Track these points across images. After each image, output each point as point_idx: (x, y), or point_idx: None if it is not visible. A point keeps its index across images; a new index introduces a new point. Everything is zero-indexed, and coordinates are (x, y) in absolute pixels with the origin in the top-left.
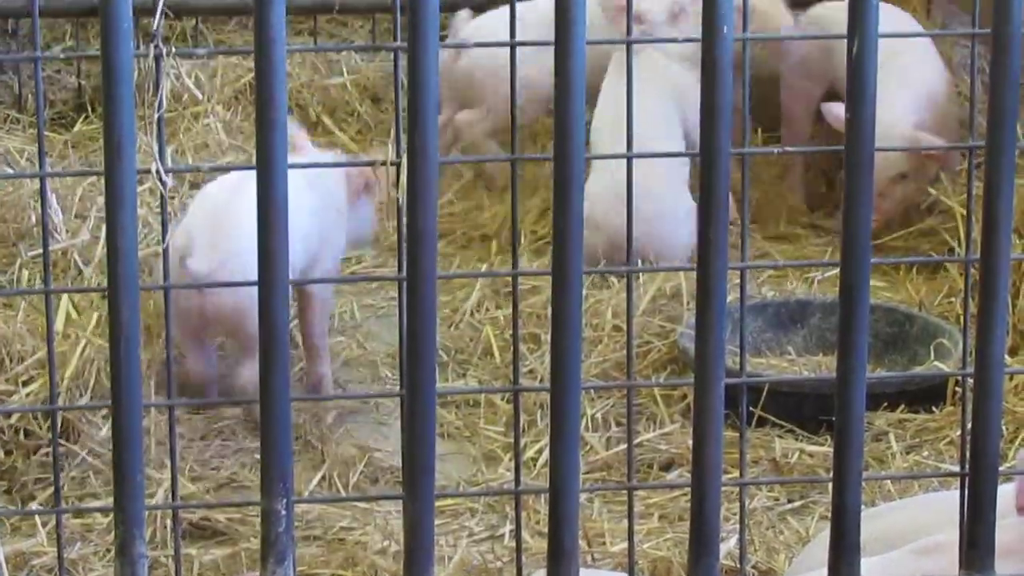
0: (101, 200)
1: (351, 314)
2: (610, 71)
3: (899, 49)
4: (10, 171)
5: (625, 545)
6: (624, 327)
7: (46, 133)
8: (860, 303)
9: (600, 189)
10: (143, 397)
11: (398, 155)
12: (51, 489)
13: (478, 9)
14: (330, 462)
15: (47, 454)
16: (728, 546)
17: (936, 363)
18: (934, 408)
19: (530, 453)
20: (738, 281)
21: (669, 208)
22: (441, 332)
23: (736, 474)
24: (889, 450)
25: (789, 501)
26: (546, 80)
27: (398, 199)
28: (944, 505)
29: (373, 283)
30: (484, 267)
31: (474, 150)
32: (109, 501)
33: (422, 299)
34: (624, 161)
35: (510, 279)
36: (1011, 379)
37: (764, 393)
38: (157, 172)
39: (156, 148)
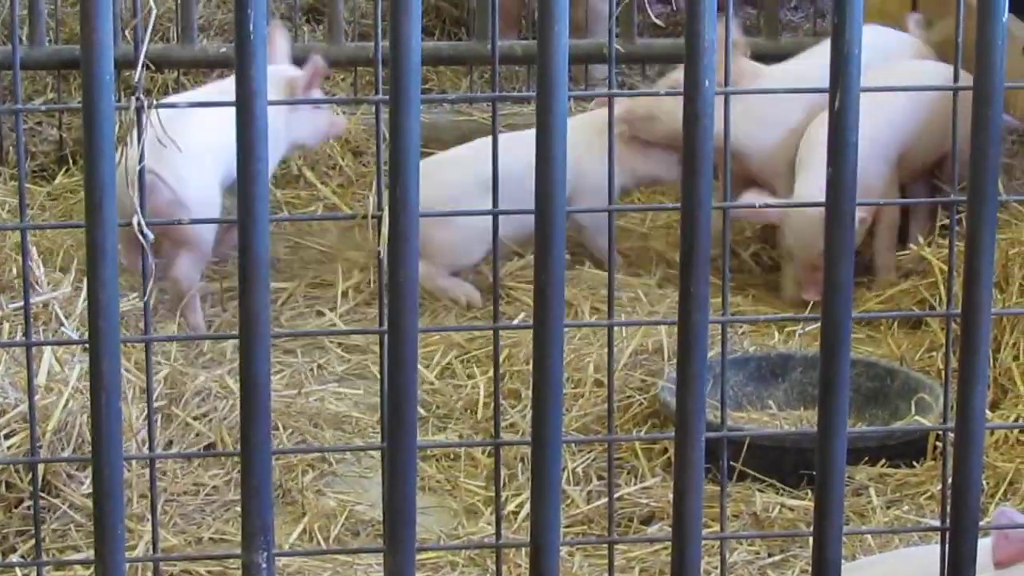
0: (83, 253)
1: (332, 367)
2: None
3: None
4: None
5: None
6: (605, 381)
7: (27, 185)
8: (841, 359)
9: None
10: (124, 450)
11: (379, 208)
12: (32, 541)
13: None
14: (311, 515)
15: (28, 507)
16: None
17: (917, 417)
18: (915, 463)
19: (511, 507)
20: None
21: None
22: (422, 387)
23: (716, 528)
24: (869, 504)
25: (769, 555)
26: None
27: (379, 252)
28: (924, 560)
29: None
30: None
31: None
32: (90, 553)
33: (403, 352)
34: None
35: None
36: (992, 434)
37: (745, 447)
38: (138, 224)
39: (137, 201)
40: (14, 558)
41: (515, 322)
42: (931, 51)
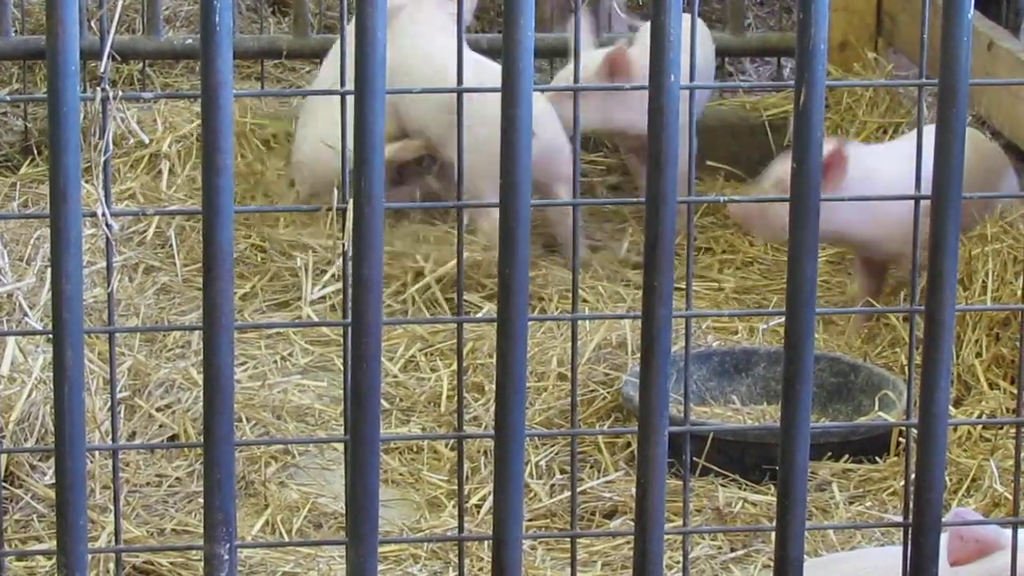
0: (48, 245)
1: (296, 359)
2: None
3: None
4: None
5: None
6: (569, 375)
7: None
8: (804, 354)
9: None
10: (87, 441)
11: (344, 200)
12: None
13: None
14: (273, 507)
15: None
16: None
17: (880, 413)
18: (878, 459)
19: (474, 500)
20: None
21: None
22: (385, 379)
23: (679, 522)
24: (832, 500)
25: (732, 550)
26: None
27: (343, 245)
28: (888, 559)
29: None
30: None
31: None
32: (53, 544)
33: (367, 345)
34: None
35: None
36: (955, 430)
37: (708, 442)
38: (103, 215)
39: (102, 192)
40: None
41: (480, 315)
42: None
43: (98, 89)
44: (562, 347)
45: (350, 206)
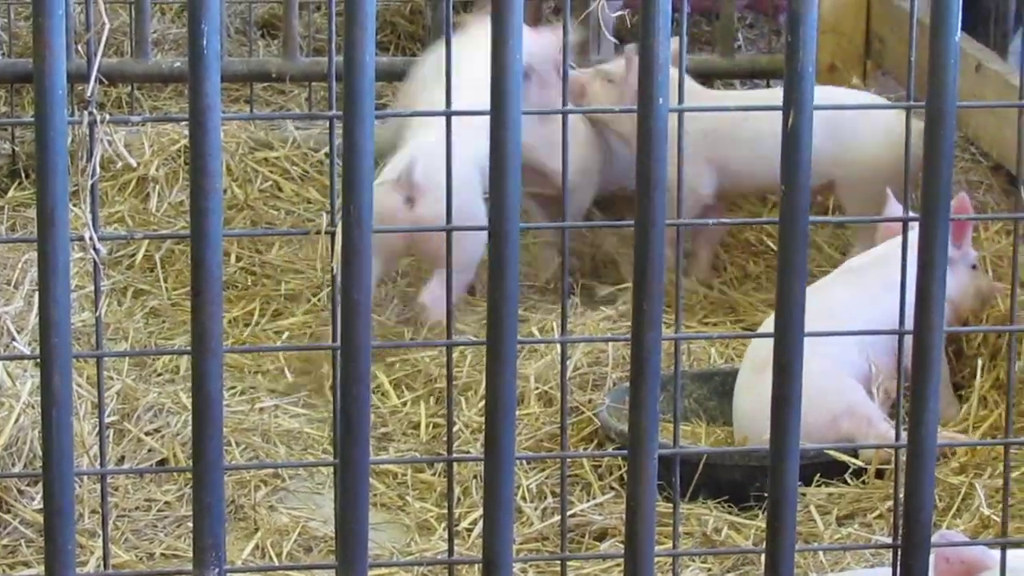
0: (36, 268)
1: (285, 382)
2: None
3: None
4: None
5: None
6: (550, 397)
7: None
8: (794, 376)
9: None
10: (76, 465)
11: (333, 224)
12: None
13: None
14: (263, 531)
15: None
16: None
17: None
18: (865, 481)
19: (465, 523)
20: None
21: None
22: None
23: (669, 545)
24: (826, 518)
25: (723, 573)
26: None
27: (332, 268)
28: None
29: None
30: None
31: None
32: (41, 570)
33: (356, 369)
34: None
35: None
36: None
37: (701, 465)
38: (90, 239)
39: (89, 216)
40: None
41: (467, 339)
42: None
43: (86, 112)
44: (540, 368)
45: (339, 230)
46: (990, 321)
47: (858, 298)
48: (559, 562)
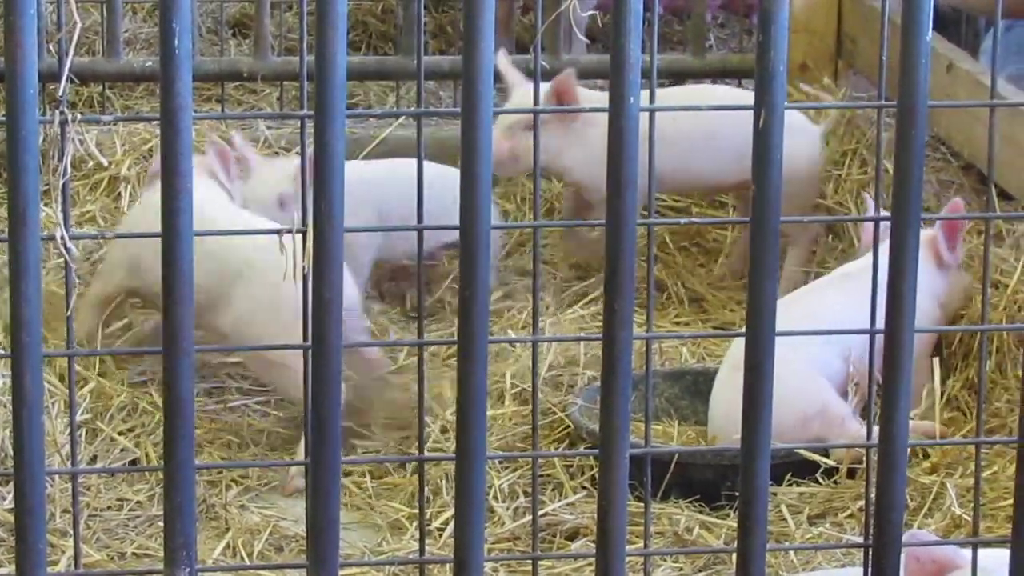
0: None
1: (257, 382)
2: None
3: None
4: None
5: None
6: (520, 398)
7: None
8: (765, 375)
9: None
10: (47, 464)
11: (304, 223)
12: None
13: None
14: (234, 530)
15: None
16: None
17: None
18: (836, 480)
19: (436, 523)
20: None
21: None
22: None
23: (640, 544)
24: (797, 517)
25: (694, 573)
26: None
27: (304, 267)
28: None
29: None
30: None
31: None
32: (12, 569)
33: (327, 368)
34: None
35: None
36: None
37: (672, 464)
38: (62, 239)
39: (61, 215)
40: None
41: (440, 338)
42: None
43: (57, 112)
44: (513, 368)
45: (310, 228)
46: (963, 321)
47: (845, 303)
48: (531, 562)
